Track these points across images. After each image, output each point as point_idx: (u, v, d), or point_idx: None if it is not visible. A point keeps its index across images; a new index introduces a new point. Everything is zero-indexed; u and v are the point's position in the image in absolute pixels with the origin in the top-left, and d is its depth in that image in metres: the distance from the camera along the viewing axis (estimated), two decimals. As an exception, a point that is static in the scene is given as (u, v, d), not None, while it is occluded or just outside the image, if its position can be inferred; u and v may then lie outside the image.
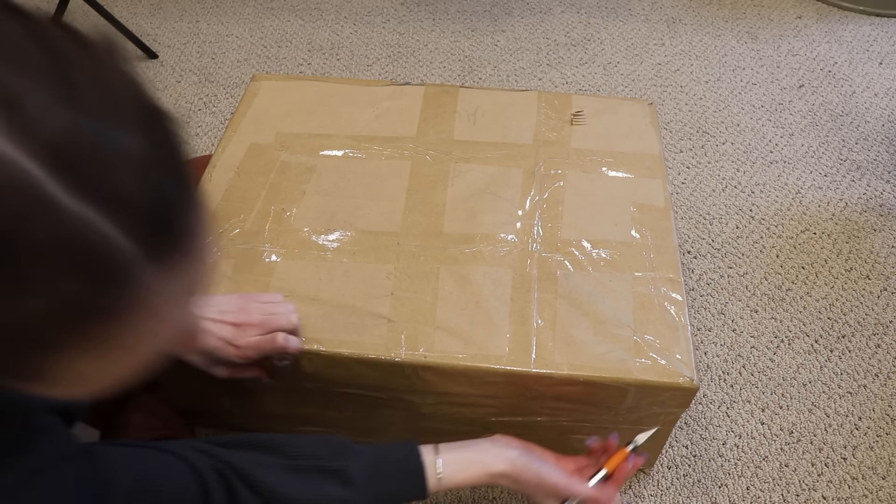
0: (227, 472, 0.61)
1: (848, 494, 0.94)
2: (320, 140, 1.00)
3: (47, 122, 0.29)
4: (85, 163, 0.29)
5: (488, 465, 0.70)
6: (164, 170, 0.32)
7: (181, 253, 0.33)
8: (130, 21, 1.75)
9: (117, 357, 0.34)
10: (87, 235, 0.29)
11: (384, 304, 0.81)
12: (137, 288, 0.32)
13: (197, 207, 0.35)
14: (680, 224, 1.29)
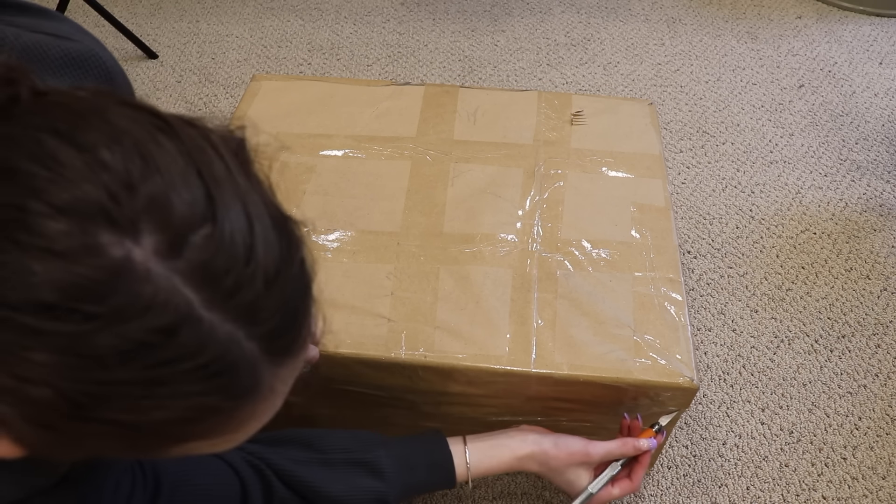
0: (262, 467, 0.62)
1: (848, 494, 0.94)
2: (320, 140, 1.00)
3: (191, 238, 0.30)
4: (223, 276, 0.31)
5: (515, 449, 0.71)
6: (292, 278, 0.35)
7: (299, 351, 0.36)
8: (130, 21, 1.75)
9: (231, 438, 0.36)
10: (224, 346, 0.31)
11: (384, 304, 0.81)
12: (262, 389, 0.34)
13: (313, 305, 0.38)
14: (680, 224, 1.29)
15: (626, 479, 0.74)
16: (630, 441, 0.74)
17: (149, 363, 0.29)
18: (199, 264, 0.30)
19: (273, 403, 0.36)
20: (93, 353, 0.28)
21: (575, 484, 0.72)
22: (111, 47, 1.69)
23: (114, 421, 0.31)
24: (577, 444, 0.72)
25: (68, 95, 0.32)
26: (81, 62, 0.53)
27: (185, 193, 0.30)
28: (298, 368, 0.37)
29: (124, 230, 0.29)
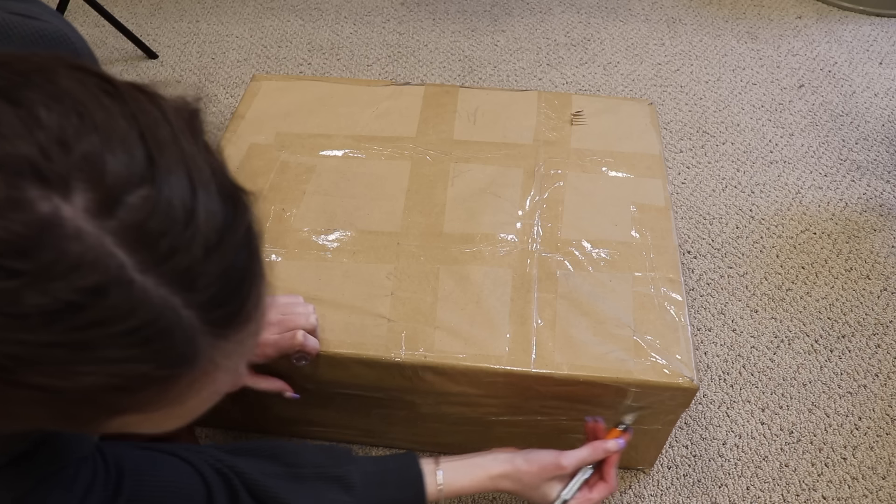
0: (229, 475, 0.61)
1: (848, 494, 0.94)
2: (320, 140, 1.00)
3: (126, 198, 0.29)
4: (158, 239, 0.30)
5: (488, 468, 0.70)
6: (235, 247, 0.33)
7: (243, 325, 0.34)
8: (130, 21, 1.75)
9: (171, 414, 0.35)
10: (156, 310, 0.30)
11: (384, 304, 0.81)
12: (200, 360, 0.33)
13: (262, 279, 0.35)
14: (680, 224, 1.29)
15: (601, 481, 0.73)
16: (599, 445, 0.74)
17: (76, 325, 0.28)
18: (133, 225, 0.29)
19: (217, 380, 0.35)
20: (17, 311, 0.28)
21: (549, 497, 0.71)
22: (111, 47, 1.70)
23: (40, 386, 0.30)
24: (549, 457, 0.71)
25: (17, 57, 0.32)
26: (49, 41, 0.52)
27: (123, 154, 0.30)
28: (247, 345, 0.36)
29: (54, 186, 0.28)
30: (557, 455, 0.71)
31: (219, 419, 0.98)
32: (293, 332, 0.71)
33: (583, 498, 0.72)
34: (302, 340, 0.72)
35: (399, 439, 0.95)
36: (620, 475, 0.95)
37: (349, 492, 0.65)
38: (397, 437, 0.94)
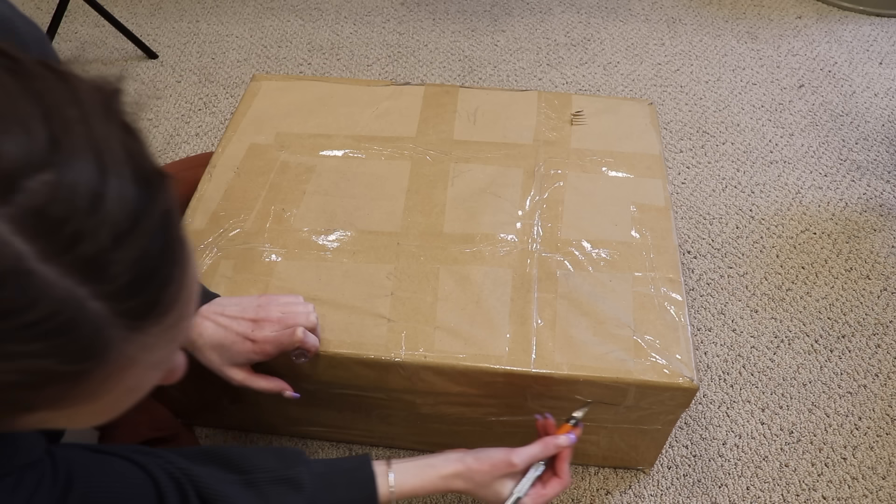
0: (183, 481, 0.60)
1: (848, 494, 0.94)
2: (320, 140, 1.00)
3: (25, 183, 0.27)
4: (61, 225, 0.28)
5: (440, 468, 0.70)
6: (150, 235, 0.31)
7: (161, 316, 0.32)
8: (130, 21, 1.75)
9: (88, 410, 0.33)
10: (59, 302, 0.28)
11: (384, 304, 0.81)
12: (111, 355, 0.31)
13: (182, 266, 0.33)
14: (680, 224, 1.29)
15: (555, 477, 0.73)
16: (550, 441, 0.73)
17: None
18: (33, 211, 0.27)
19: (137, 375, 0.33)
20: None
21: (502, 495, 0.71)
22: (111, 47, 1.70)
23: None
24: (500, 455, 0.71)
25: None
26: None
27: (22, 136, 0.28)
28: (171, 337, 0.34)
29: None
30: (508, 452, 0.71)
31: (219, 419, 0.98)
32: (293, 328, 0.71)
33: (536, 494, 0.71)
34: (302, 337, 0.71)
35: (399, 439, 0.95)
36: (620, 475, 0.95)
37: (300, 493, 0.65)
38: (397, 437, 0.94)
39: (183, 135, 1.45)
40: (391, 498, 0.68)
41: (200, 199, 0.92)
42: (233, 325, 0.70)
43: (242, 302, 0.73)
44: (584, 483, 0.94)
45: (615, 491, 0.93)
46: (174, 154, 1.41)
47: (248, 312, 0.71)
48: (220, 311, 0.71)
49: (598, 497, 0.93)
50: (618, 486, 0.94)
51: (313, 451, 0.96)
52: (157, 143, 1.43)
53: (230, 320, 0.70)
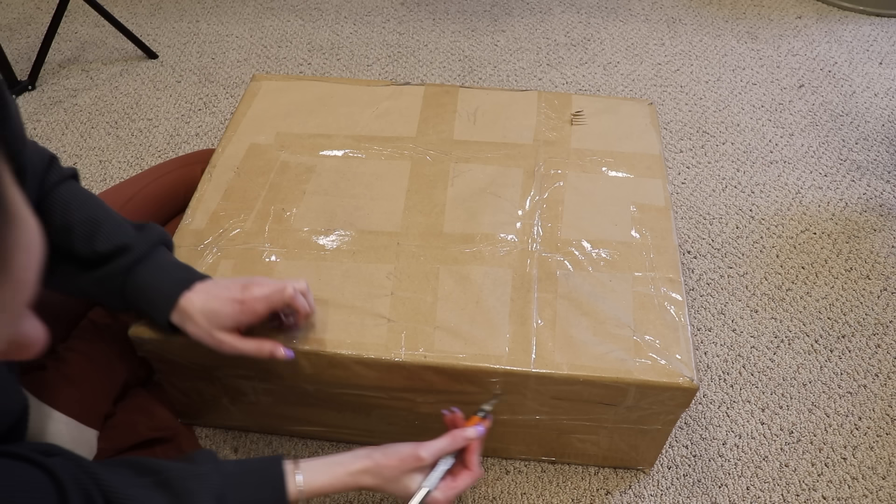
0: (87, 483, 0.59)
1: (848, 494, 0.94)
2: (320, 140, 1.00)
3: None
4: None
5: (348, 465, 0.70)
6: None
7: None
8: (130, 21, 1.75)
9: None
10: None
11: (384, 304, 0.81)
12: None
13: (12, 228, 0.30)
14: (680, 224, 1.29)
15: (465, 469, 0.73)
16: (459, 434, 0.73)
17: None
18: None
19: None
20: None
21: (411, 489, 0.71)
22: (111, 47, 1.70)
23: None
24: (407, 450, 0.71)
25: None
26: None
27: None
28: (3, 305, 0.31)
29: None
30: (416, 447, 0.71)
31: (219, 419, 0.98)
32: (284, 284, 0.71)
33: (446, 487, 0.71)
34: (292, 294, 0.71)
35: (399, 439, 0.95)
36: (620, 475, 0.95)
37: (210, 491, 0.64)
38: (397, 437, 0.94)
39: (183, 135, 1.45)
40: (300, 497, 0.68)
41: (200, 199, 0.92)
42: (222, 292, 0.71)
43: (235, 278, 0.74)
44: (584, 483, 0.94)
45: (615, 491, 0.93)
46: (174, 154, 1.41)
47: (239, 281, 0.73)
48: (212, 284, 0.72)
49: (598, 497, 0.93)
50: (618, 486, 0.94)
51: (313, 451, 0.96)
52: (157, 143, 1.43)
53: (220, 288, 0.71)
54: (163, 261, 0.73)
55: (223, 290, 0.71)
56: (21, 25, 1.76)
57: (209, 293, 0.71)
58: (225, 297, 0.71)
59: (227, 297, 0.70)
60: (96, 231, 0.70)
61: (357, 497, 0.92)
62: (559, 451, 0.92)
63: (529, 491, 0.93)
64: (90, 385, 0.81)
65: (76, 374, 0.80)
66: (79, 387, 0.80)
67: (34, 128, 1.47)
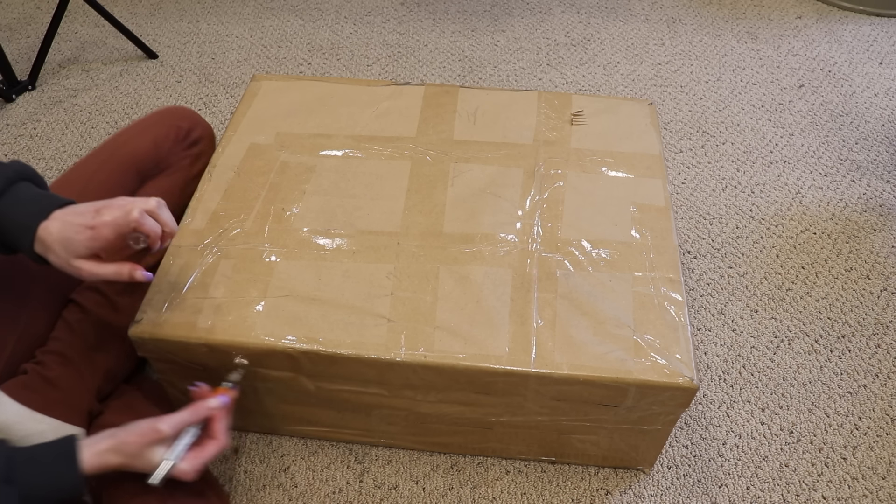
0: None
1: (848, 494, 0.94)
2: (320, 140, 1.00)
3: None
4: None
5: (94, 445, 0.68)
6: None
7: None
8: (130, 21, 1.75)
9: None
10: None
11: (384, 304, 0.81)
12: None
13: None
14: (680, 224, 1.29)
15: (211, 439, 0.73)
16: (201, 405, 0.73)
17: None
18: None
19: None
20: None
21: (154, 462, 0.70)
22: (111, 47, 1.70)
23: None
24: (147, 423, 0.70)
25: None
26: None
27: None
28: None
29: None
30: (155, 420, 0.70)
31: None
32: (130, 207, 0.69)
33: (192, 457, 0.71)
34: (137, 217, 0.69)
35: (399, 439, 0.95)
36: (620, 475, 0.95)
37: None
38: (397, 437, 0.94)
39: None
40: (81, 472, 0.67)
41: (200, 199, 0.92)
42: (75, 219, 0.69)
43: (93, 202, 0.72)
44: (584, 483, 0.94)
45: (615, 491, 0.93)
46: (174, 154, 1.41)
47: (94, 206, 0.70)
48: (69, 211, 0.70)
49: (598, 497, 0.93)
50: (618, 486, 0.94)
51: (313, 451, 0.96)
52: (157, 143, 1.43)
53: (75, 215, 0.69)
54: (22, 194, 0.70)
55: (77, 216, 0.69)
56: (21, 25, 1.76)
57: (64, 220, 0.69)
58: (78, 223, 0.68)
59: (80, 224, 0.68)
60: None
61: (357, 497, 0.92)
62: (559, 451, 0.92)
63: (529, 491, 0.93)
64: (70, 384, 0.81)
65: (55, 376, 0.80)
66: (59, 387, 0.80)
67: (34, 128, 1.47)
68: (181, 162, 0.98)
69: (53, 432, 0.79)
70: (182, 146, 0.98)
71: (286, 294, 0.82)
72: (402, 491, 0.93)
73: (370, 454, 0.96)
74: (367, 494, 0.93)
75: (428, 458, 0.96)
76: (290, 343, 0.78)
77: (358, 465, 0.95)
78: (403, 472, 0.95)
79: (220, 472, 0.94)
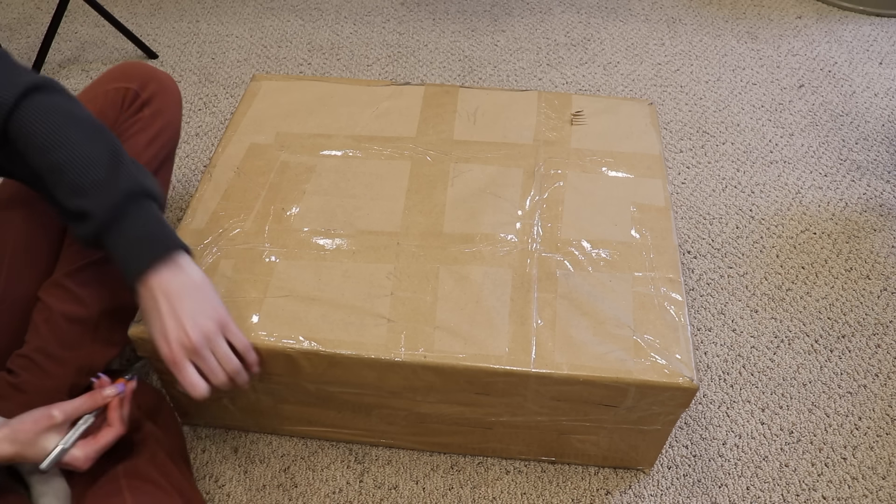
0: None
1: (848, 494, 0.94)
2: (320, 140, 1.00)
3: None
4: None
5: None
6: None
7: None
8: (130, 21, 1.75)
9: None
10: None
11: (384, 304, 0.81)
12: None
13: None
14: (680, 224, 1.29)
15: (108, 426, 0.73)
16: (97, 392, 0.72)
17: None
18: None
19: None
20: None
21: (48, 449, 0.70)
22: (111, 47, 1.70)
23: None
24: (41, 410, 0.70)
25: None
26: None
27: None
28: None
29: None
30: (49, 407, 0.70)
31: (219, 419, 0.98)
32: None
33: (86, 444, 0.71)
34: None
35: (399, 439, 0.95)
36: (620, 475, 0.95)
37: None
38: (397, 437, 0.94)
39: (183, 135, 1.45)
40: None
41: (200, 199, 0.92)
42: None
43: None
44: (584, 483, 0.94)
45: (615, 491, 0.93)
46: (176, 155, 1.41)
47: (221, 321, 0.73)
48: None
49: (598, 497, 0.93)
50: (618, 486, 0.94)
51: (313, 452, 0.96)
52: (157, 143, 1.43)
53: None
54: (125, 237, 0.69)
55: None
56: (21, 25, 1.76)
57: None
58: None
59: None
60: (58, 183, 0.67)
61: (357, 497, 0.92)
62: (559, 451, 0.92)
63: (529, 491, 0.93)
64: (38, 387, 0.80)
65: (22, 381, 0.79)
66: (26, 391, 0.79)
67: (34, 128, 1.47)
68: (128, 131, 0.88)
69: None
70: (129, 112, 0.89)
71: (286, 294, 0.82)
72: (402, 491, 0.93)
73: (370, 454, 0.96)
74: (367, 494, 0.93)
75: (428, 458, 0.96)
76: (289, 343, 0.78)
77: (358, 465, 0.95)
78: (403, 472, 0.95)
79: (221, 472, 0.94)
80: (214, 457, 0.96)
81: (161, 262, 0.70)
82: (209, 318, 0.71)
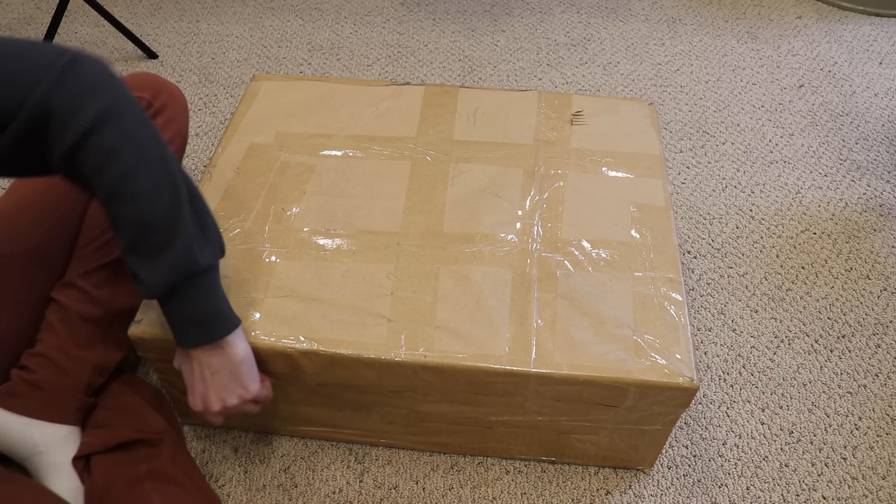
0: None
1: (848, 494, 0.94)
2: (320, 140, 1.00)
3: None
4: None
5: None
6: None
7: None
8: (130, 21, 1.75)
9: None
10: None
11: (384, 303, 0.81)
12: None
13: None
14: (680, 224, 1.29)
15: None
16: None
17: None
18: None
19: None
20: None
21: None
22: (111, 47, 1.70)
23: None
24: None
25: None
26: None
27: None
28: None
29: None
30: None
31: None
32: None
33: None
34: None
35: (399, 439, 0.95)
36: (620, 475, 0.95)
37: None
38: (397, 437, 0.94)
39: (183, 135, 1.45)
40: None
41: (200, 199, 0.92)
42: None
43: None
44: (584, 483, 0.94)
45: (615, 491, 0.93)
46: (174, 154, 1.41)
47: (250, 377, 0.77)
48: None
49: (598, 497, 0.93)
50: (618, 486, 0.94)
51: (313, 452, 0.96)
52: (157, 143, 1.43)
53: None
54: (173, 314, 0.69)
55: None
56: (21, 25, 1.76)
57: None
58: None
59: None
60: (115, 229, 0.65)
61: (357, 497, 0.92)
62: (559, 451, 0.92)
63: (529, 491, 0.93)
64: (55, 385, 0.81)
65: (39, 378, 0.80)
66: (44, 389, 0.80)
67: (34, 128, 1.47)
68: None
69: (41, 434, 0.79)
70: None
71: (286, 294, 0.82)
72: (402, 491, 0.93)
73: (370, 454, 0.96)
74: (367, 494, 0.93)
75: (428, 458, 0.96)
76: (289, 343, 0.78)
77: (358, 465, 0.95)
78: (403, 472, 0.95)
79: (221, 472, 0.94)
80: (214, 457, 0.96)
81: (206, 344, 0.71)
82: (236, 397, 0.74)
